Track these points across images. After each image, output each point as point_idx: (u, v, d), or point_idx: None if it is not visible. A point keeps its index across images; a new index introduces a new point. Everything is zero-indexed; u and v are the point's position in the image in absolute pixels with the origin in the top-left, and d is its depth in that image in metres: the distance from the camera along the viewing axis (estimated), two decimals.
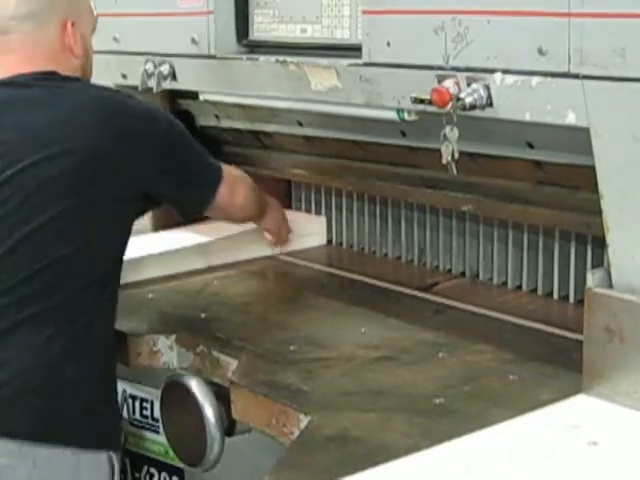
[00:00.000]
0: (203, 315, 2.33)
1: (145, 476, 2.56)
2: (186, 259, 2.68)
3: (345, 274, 2.65)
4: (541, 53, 1.74)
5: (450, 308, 2.36)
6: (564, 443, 1.62)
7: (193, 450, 2.13)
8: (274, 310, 2.37)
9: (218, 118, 2.90)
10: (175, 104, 2.92)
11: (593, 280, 1.76)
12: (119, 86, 2.66)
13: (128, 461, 2.53)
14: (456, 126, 1.87)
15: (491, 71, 1.82)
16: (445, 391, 1.86)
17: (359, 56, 2.09)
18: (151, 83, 2.61)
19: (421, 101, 1.90)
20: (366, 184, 2.68)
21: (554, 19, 1.70)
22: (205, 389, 2.10)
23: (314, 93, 2.23)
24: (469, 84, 1.85)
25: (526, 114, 1.79)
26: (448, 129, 1.88)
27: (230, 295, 2.49)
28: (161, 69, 2.59)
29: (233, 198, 2.27)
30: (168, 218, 2.81)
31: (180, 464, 2.33)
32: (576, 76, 1.68)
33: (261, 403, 1.89)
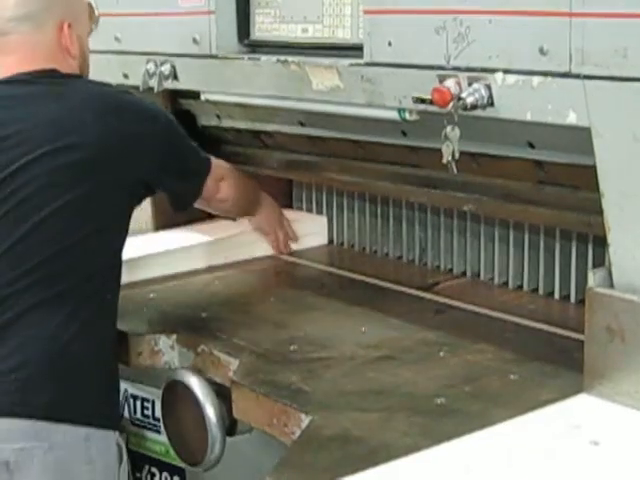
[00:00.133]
0: (204, 315, 2.33)
1: (146, 476, 2.56)
2: (187, 259, 2.68)
3: (346, 274, 2.65)
4: (542, 53, 1.73)
5: (451, 308, 2.36)
6: (565, 443, 1.62)
7: (194, 450, 2.14)
8: (275, 310, 2.37)
9: (219, 118, 2.90)
10: (176, 104, 2.92)
11: (594, 280, 1.76)
12: (120, 86, 2.66)
13: (129, 461, 2.52)
14: (457, 126, 1.87)
15: (492, 71, 1.82)
16: (446, 391, 1.86)
17: (360, 56, 2.09)
18: (152, 83, 2.61)
19: (422, 101, 1.90)
20: (367, 184, 2.67)
21: (555, 19, 1.70)
22: (206, 389, 2.10)
23: (315, 93, 2.22)
24: (470, 84, 1.85)
25: (527, 114, 1.79)
26: (449, 129, 1.88)
27: (231, 295, 2.49)
28: (162, 69, 2.59)
29: (218, 191, 2.35)
30: (169, 218, 2.81)
31: (181, 464, 2.33)
32: (577, 76, 1.68)
33: (262, 403, 1.89)
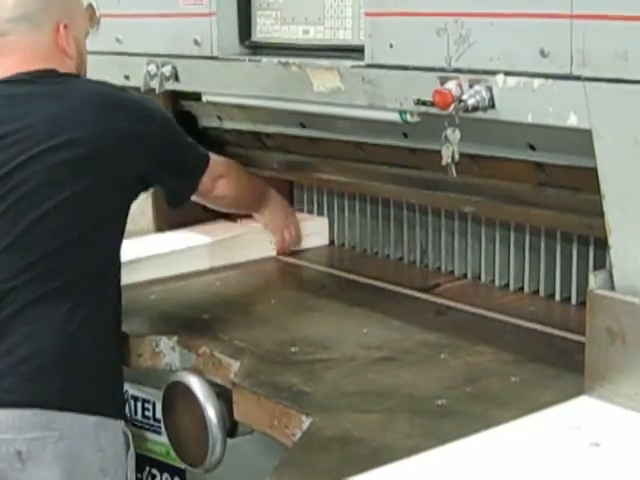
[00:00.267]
0: (205, 316, 2.33)
1: (147, 477, 2.56)
2: (188, 260, 2.68)
3: (347, 275, 2.65)
4: (543, 55, 1.74)
5: (452, 309, 2.36)
6: (566, 444, 1.62)
7: (195, 451, 2.14)
8: (276, 311, 2.37)
9: (220, 119, 2.90)
10: (177, 105, 2.92)
11: (595, 282, 1.76)
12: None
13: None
14: (458, 128, 1.87)
15: (493, 73, 1.82)
16: (447, 392, 1.86)
17: (362, 58, 2.09)
18: (154, 84, 2.61)
19: (423, 103, 1.91)
20: (368, 185, 2.67)
21: (556, 21, 1.70)
22: (207, 390, 2.09)
23: (316, 94, 2.23)
24: (471, 86, 1.85)
25: (528, 116, 1.79)
26: (450, 131, 1.88)
27: (232, 296, 2.49)
28: (163, 70, 2.60)
29: (214, 188, 2.39)
30: (170, 219, 2.82)
31: (182, 465, 2.34)
32: (578, 78, 1.68)
33: (263, 404, 1.89)
